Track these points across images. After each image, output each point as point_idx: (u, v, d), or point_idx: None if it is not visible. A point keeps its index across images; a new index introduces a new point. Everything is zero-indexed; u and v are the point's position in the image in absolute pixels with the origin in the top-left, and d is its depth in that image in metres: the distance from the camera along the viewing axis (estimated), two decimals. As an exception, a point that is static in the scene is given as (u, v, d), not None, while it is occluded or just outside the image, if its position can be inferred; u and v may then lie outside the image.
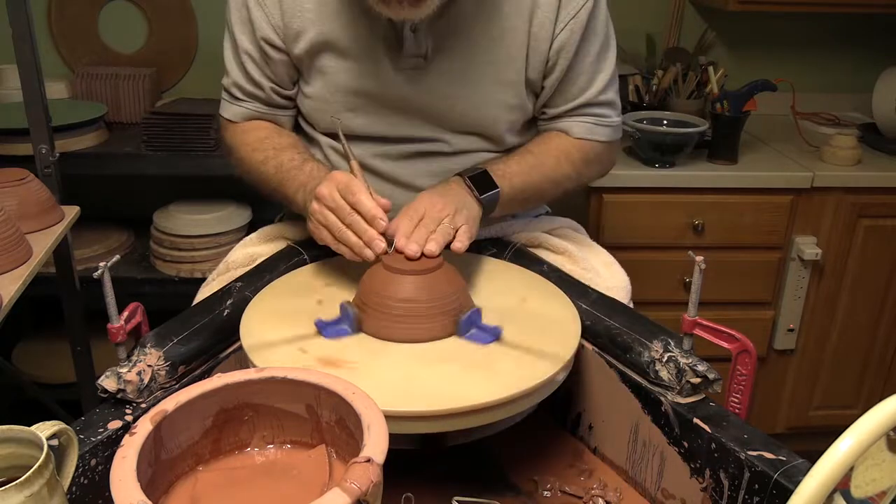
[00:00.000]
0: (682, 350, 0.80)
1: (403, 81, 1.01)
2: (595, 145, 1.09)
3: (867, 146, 1.99)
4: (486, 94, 1.02)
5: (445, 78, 1.01)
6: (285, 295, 0.91)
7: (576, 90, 1.05)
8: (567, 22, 1.00)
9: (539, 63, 1.02)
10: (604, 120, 1.08)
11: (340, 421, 0.64)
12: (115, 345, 0.78)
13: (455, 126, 1.05)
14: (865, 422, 0.47)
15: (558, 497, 0.82)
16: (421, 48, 0.99)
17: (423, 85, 1.01)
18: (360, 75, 1.01)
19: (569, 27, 1.00)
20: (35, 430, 0.55)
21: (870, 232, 1.89)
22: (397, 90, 1.01)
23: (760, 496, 0.68)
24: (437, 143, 1.06)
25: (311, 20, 1.00)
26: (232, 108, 1.11)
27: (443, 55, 1.00)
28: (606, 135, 1.09)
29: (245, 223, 1.88)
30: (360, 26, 0.99)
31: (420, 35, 0.98)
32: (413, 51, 0.99)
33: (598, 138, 1.08)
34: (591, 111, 1.07)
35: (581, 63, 1.03)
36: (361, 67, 1.01)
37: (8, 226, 1.15)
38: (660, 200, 1.82)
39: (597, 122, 1.08)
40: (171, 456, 0.63)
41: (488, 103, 1.03)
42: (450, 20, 0.98)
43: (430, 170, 1.07)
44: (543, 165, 1.05)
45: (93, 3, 1.98)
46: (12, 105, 1.80)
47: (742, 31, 2.19)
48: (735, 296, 1.90)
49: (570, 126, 1.08)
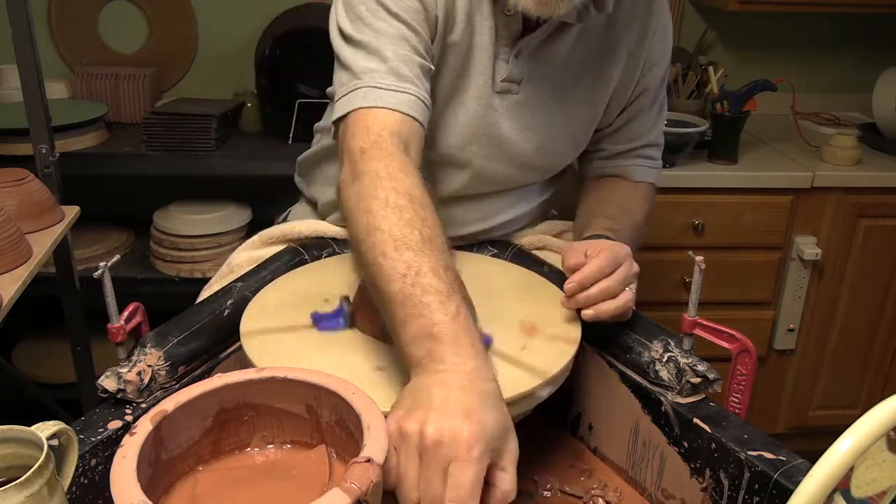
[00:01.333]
0: (682, 350, 0.80)
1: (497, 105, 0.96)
2: (651, 189, 1.10)
3: (867, 146, 1.99)
4: (568, 130, 1.01)
5: (535, 108, 0.98)
6: (286, 295, 0.91)
7: (643, 130, 1.07)
8: (654, 65, 1.01)
9: (623, 99, 1.02)
10: (654, 162, 1.10)
11: (340, 421, 0.64)
12: (115, 345, 0.78)
13: (525, 160, 1.01)
14: (865, 422, 0.47)
15: (558, 497, 0.82)
16: (518, 74, 0.94)
17: (512, 112, 0.97)
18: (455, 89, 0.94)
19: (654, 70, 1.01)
20: (35, 430, 0.55)
21: (870, 232, 1.89)
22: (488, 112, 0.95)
23: (760, 496, 0.68)
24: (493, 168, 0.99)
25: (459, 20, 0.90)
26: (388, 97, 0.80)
27: (538, 85, 0.96)
28: (655, 177, 1.10)
29: (245, 223, 1.88)
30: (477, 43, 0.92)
31: (521, 60, 0.94)
32: (509, 75, 0.94)
33: (652, 181, 1.09)
34: (647, 153, 1.08)
35: (653, 104, 1.05)
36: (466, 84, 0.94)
37: (8, 226, 1.15)
38: (660, 200, 1.79)
39: (650, 164, 1.09)
40: (171, 456, 0.63)
41: (567, 139, 1.02)
42: (555, 48, 0.94)
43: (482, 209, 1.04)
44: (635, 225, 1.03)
45: (93, 3, 1.98)
46: (12, 105, 1.80)
47: (742, 31, 2.19)
48: (735, 296, 1.90)
49: (631, 171, 1.08)
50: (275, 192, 1.39)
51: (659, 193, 1.79)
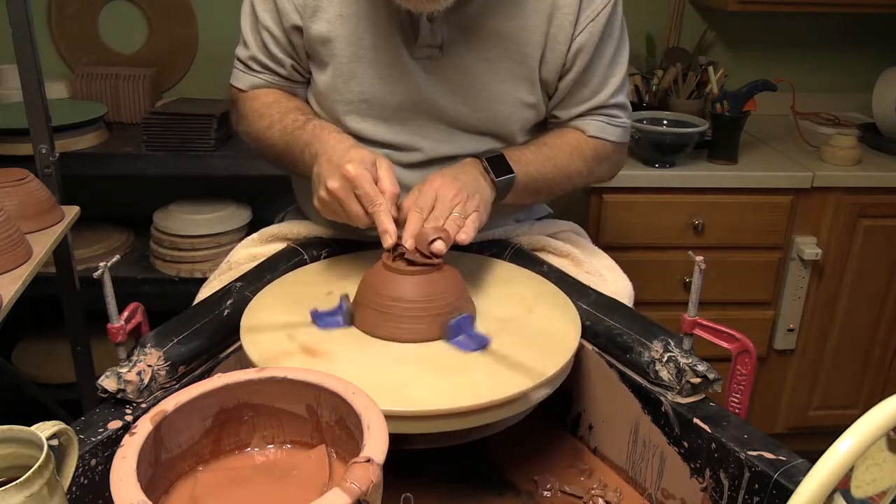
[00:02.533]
0: (682, 350, 0.80)
1: (417, 72, 0.99)
2: (606, 145, 1.09)
3: (867, 146, 1.99)
4: (500, 90, 1.02)
5: (459, 70, 1.00)
6: (286, 295, 0.91)
7: (588, 93, 1.05)
8: (586, 25, 0.99)
9: (556, 64, 1.01)
10: (615, 121, 1.08)
11: (340, 421, 0.64)
12: (115, 345, 0.78)
13: (467, 124, 1.03)
14: (865, 422, 0.47)
15: (558, 497, 0.82)
16: (436, 38, 0.98)
17: (437, 76, 1.00)
18: (374, 63, 1.00)
19: (588, 30, 0.99)
20: (35, 430, 0.55)
21: (870, 232, 1.89)
22: (410, 81, 1.00)
23: (760, 496, 0.68)
24: (447, 146, 1.04)
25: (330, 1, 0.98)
26: (246, 79, 1.09)
27: (458, 47, 0.99)
28: (617, 135, 1.09)
29: (245, 223, 1.88)
30: (378, 13, 0.97)
31: (437, 25, 0.97)
32: (428, 41, 0.97)
33: (609, 138, 1.08)
34: (602, 112, 1.07)
35: (596, 66, 1.03)
36: (376, 56, 0.99)
37: (8, 226, 1.15)
38: (660, 200, 1.82)
39: (608, 122, 1.08)
40: (171, 456, 0.63)
41: (502, 99, 1.02)
42: (468, 12, 0.97)
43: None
44: (558, 158, 1.04)
45: (93, 3, 1.98)
46: (12, 105, 1.80)
47: (742, 31, 2.19)
48: (735, 296, 1.90)
49: (583, 125, 1.08)
50: (275, 192, 1.39)
51: (659, 193, 1.83)
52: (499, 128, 1.05)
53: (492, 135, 1.05)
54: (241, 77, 1.09)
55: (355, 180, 0.83)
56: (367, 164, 0.85)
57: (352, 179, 0.84)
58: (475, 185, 0.92)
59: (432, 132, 1.04)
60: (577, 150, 1.07)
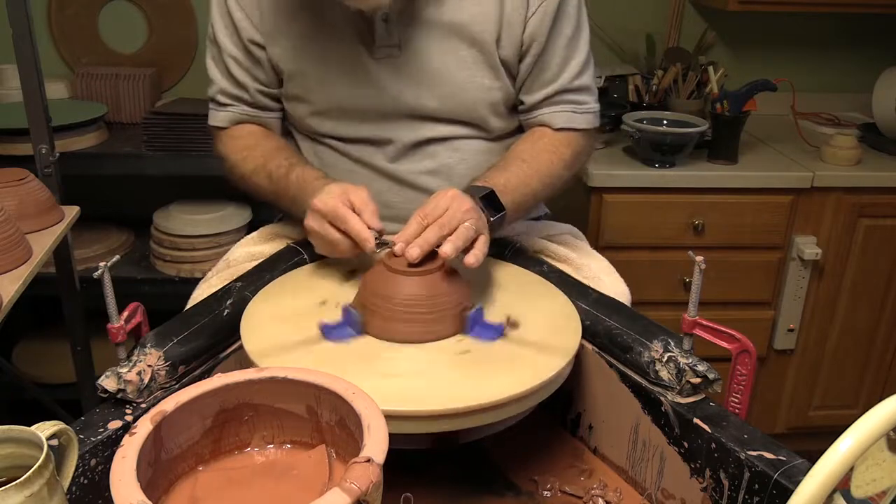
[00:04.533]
0: (682, 350, 0.80)
1: (381, 73, 1.01)
2: (578, 136, 1.09)
3: (867, 146, 1.99)
4: (463, 78, 1.03)
5: (421, 65, 1.01)
6: (286, 295, 0.91)
7: (550, 75, 1.05)
8: (538, 6, 1.00)
9: (513, 47, 1.02)
10: (582, 107, 1.08)
11: (340, 421, 0.64)
12: (115, 345, 0.78)
13: (437, 114, 1.05)
14: (865, 422, 0.47)
15: (558, 497, 0.82)
16: (393, 38, 1.00)
17: (400, 74, 1.02)
18: (339, 71, 1.02)
19: (541, 9, 1.00)
20: (35, 430, 0.55)
21: (870, 232, 1.89)
22: (375, 82, 1.02)
23: (760, 496, 0.68)
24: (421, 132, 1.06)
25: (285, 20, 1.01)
26: (219, 115, 1.12)
27: (416, 43, 1.00)
28: (587, 122, 1.09)
29: (245, 223, 1.88)
30: (334, 22, 1.00)
31: (392, 24, 0.99)
32: (385, 41, 1.00)
33: (578, 126, 1.08)
34: (567, 98, 1.07)
35: (553, 47, 1.04)
36: (340, 63, 1.02)
37: (8, 226, 1.15)
38: (660, 200, 1.82)
39: (575, 109, 1.08)
40: (171, 456, 0.63)
41: (467, 86, 1.03)
42: (420, 7, 0.98)
43: (425, 166, 1.07)
44: (539, 171, 1.04)
45: (93, 2, 1.99)
46: (12, 105, 1.80)
47: (742, 31, 2.19)
48: (735, 296, 1.90)
49: (551, 118, 1.07)
50: (275, 192, 1.39)
51: (659, 193, 1.83)
52: (468, 114, 1.06)
53: (463, 122, 1.06)
54: (215, 115, 1.12)
55: (323, 209, 0.88)
56: (334, 194, 0.88)
57: (321, 210, 0.88)
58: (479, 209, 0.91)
59: (405, 125, 1.06)
60: (554, 153, 1.06)
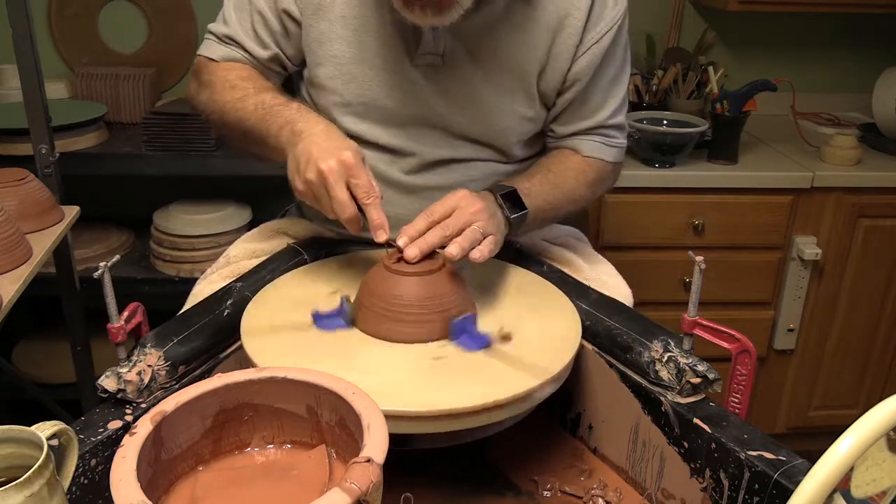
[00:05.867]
0: (682, 350, 0.80)
1: (417, 79, 0.99)
2: (605, 165, 1.09)
3: (867, 146, 1.99)
4: (498, 103, 1.01)
5: (460, 80, 0.99)
6: (286, 295, 0.91)
7: (587, 111, 1.05)
8: (590, 46, 0.99)
9: (555, 81, 1.01)
10: (612, 140, 1.08)
11: (340, 421, 0.64)
12: (115, 345, 0.78)
13: (464, 133, 1.03)
14: (865, 422, 0.47)
15: (558, 497, 0.82)
16: (439, 47, 0.97)
17: (437, 85, 0.99)
18: (374, 68, 0.99)
19: (591, 51, 0.99)
20: (35, 430, 0.55)
21: (870, 232, 1.89)
22: (410, 87, 0.99)
23: (760, 496, 0.68)
24: (443, 151, 1.03)
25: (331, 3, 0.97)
26: (222, 50, 1.04)
27: (459, 58, 0.98)
28: (614, 156, 1.09)
29: (245, 223, 1.88)
30: (382, 18, 0.97)
31: (439, 34, 0.96)
32: (430, 48, 0.97)
33: (606, 158, 1.08)
34: (600, 132, 1.07)
35: (596, 86, 1.03)
36: (378, 60, 0.98)
37: (8, 226, 1.15)
38: (660, 200, 1.82)
39: (604, 142, 1.08)
40: (171, 456, 0.63)
41: (500, 112, 1.02)
42: (472, 24, 0.95)
43: (437, 182, 1.05)
44: (564, 185, 1.04)
45: (93, 3, 1.98)
46: (12, 105, 1.80)
47: (742, 31, 2.19)
48: (735, 296, 1.90)
49: (580, 144, 1.07)
50: (275, 192, 1.38)
51: (659, 193, 1.83)
52: (496, 139, 1.04)
53: (489, 145, 1.05)
54: (215, 48, 1.05)
55: (353, 168, 0.81)
56: (361, 156, 0.84)
57: (350, 167, 0.81)
58: (495, 211, 0.91)
59: (429, 138, 1.03)
60: (581, 174, 1.06)
